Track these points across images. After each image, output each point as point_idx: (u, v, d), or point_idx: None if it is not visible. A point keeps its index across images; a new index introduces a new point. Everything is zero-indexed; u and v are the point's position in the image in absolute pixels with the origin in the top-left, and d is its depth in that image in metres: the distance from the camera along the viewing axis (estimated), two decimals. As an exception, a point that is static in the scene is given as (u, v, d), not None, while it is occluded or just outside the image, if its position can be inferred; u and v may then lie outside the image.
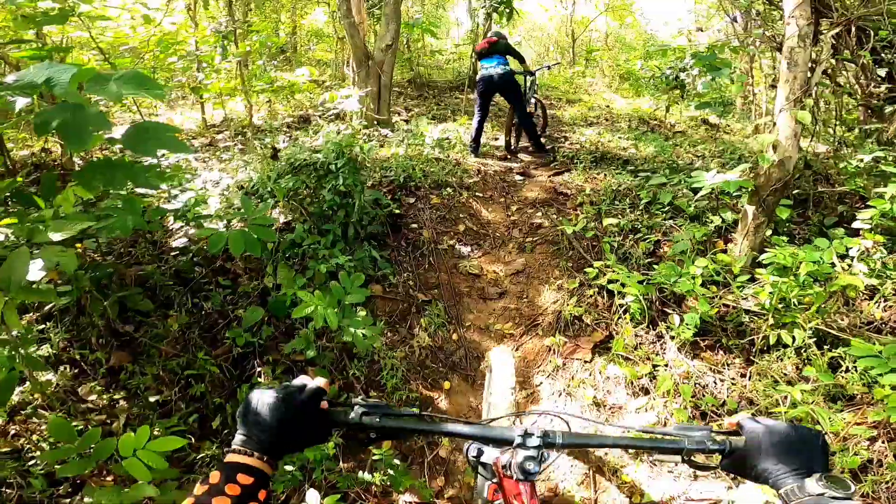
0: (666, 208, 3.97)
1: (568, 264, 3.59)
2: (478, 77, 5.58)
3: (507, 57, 5.59)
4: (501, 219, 4.13)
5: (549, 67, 7.60)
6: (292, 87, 6.58)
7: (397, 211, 3.85)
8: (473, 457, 0.99)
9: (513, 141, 5.84)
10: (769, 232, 3.57)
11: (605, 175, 4.91)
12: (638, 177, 4.70)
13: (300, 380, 0.82)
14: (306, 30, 12.57)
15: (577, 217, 4.05)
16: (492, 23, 8.50)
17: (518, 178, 4.87)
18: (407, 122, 6.87)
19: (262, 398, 0.75)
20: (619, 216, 4.06)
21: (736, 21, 9.61)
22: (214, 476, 0.67)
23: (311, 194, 3.41)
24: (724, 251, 3.75)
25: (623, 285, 3.11)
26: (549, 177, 4.89)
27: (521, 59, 5.81)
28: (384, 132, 6.00)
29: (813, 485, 0.67)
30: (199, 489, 0.66)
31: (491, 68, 5.41)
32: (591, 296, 3.30)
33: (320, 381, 0.83)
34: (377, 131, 5.99)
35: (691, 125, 9.04)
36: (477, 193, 4.43)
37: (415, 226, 3.83)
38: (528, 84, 6.10)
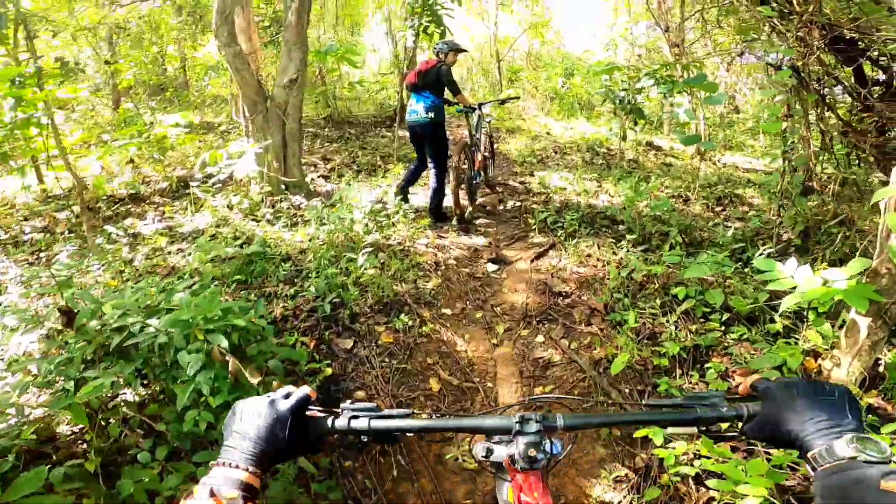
0: (720, 314, 2.73)
1: (615, 433, 2.19)
2: (406, 117, 4.23)
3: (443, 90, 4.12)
4: (487, 353, 2.66)
5: (503, 102, 5.72)
6: (161, 140, 4.73)
7: (329, 370, 2.26)
8: (483, 457, 0.77)
9: (465, 204, 4.39)
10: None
11: (599, 248, 3.63)
12: (647, 252, 3.47)
13: (284, 389, 0.75)
14: (200, 62, 10.44)
15: (600, 341, 2.69)
16: (416, 49, 7.10)
17: (491, 267, 3.44)
18: (327, 178, 5.24)
19: (247, 406, 0.69)
20: (652, 327, 2.77)
21: (668, 31, 9.00)
22: (196, 491, 0.58)
23: (158, 396, 1.74)
24: (819, 372, 2.56)
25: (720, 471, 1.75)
26: (532, 261, 3.50)
27: (456, 90, 4.16)
28: (296, 200, 4.34)
29: (843, 447, 0.55)
30: None
31: (414, 112, 4.02)
32: (668, 486, 1.92)
33: (305, 389, 0.74)
34: (286, 199, 4.32)
35: (640, 151, 8.20)
36: (443, 310, 2.92)
37: (361, 394, 2.26)
38: (475, 122, 4.63)
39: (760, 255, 3.07)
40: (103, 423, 1.81)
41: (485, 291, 3.13)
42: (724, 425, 0.72)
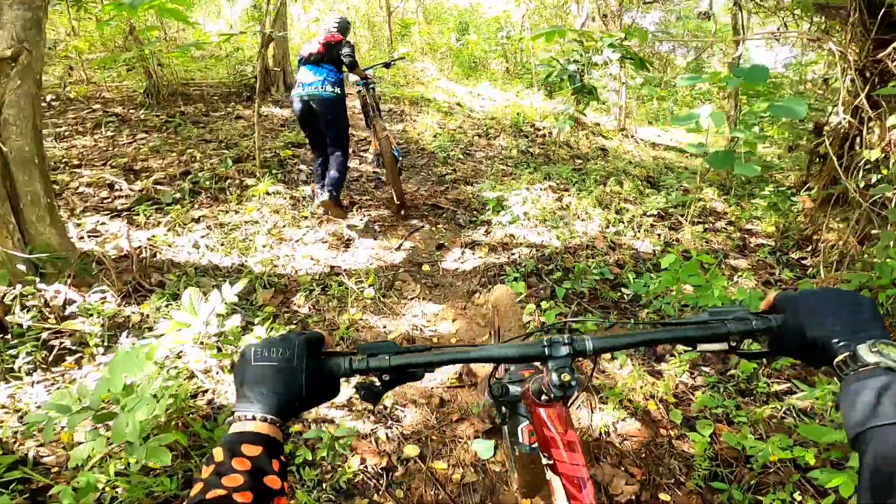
0: None
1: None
2: (293, 93, 3.31)
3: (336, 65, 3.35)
4: None
5: (388, 65, 4.35)
6: None
7: None
8: (499, 396, 0.78)
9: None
10: None
11: (632, 360, 2.15)
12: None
13: (294, 333, 0.64)
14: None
15: None
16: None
17: (482, 448, 1.72)
18: (131, 216, 2.93)
19: (257, 349, 0.60)
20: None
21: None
22: (218, 453, 0.51)
23: None
24: None
25: None
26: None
27: (354, 65, 3.34)
28: (54, 294, 2.12)
29: (867, 352, 0.51)
30: (205, 471, 0.50)
31: (313, 86, 3.20)
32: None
33: (317, 332, 0.66)
34: (35, 294, 2.08)
35: (571, 132, 6.86)
36: None
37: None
38: (371, 99, 3.59)
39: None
40: None
41: None
42: (755, 346, 0.66)
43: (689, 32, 10.45)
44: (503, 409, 0.80)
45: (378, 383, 0.64)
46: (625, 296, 2.84)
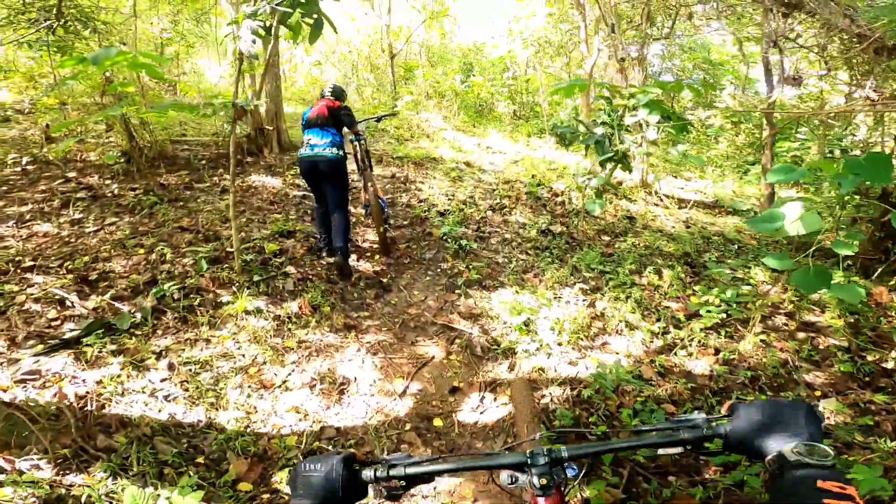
0: None
1: None
2: (299, 155, 3.72)
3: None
4: None
5: (378, 120, 4.97)
6: None
7: None
8: (508, 484, 0.92)
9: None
10: None
11: None
12: None
13: (334, 451, 0.97)
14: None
15: None
16: (274, 45, 4.57)
17: None
18: (77, 352, 2.50)
19: (307, 463, 0.87)
20: None
21: (614, 31, 7.42)
22: None
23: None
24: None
25: None
26: None
27: (353, 123, 3.93)
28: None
29: (789, 453, 0.67)
30: None
31: (318, 148, 3.65)
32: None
33: (352, 451, 0.93)
34: None
35: (588, 197, 6.54)
36: None
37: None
38: (361, 154, 4.13)
39: None
40: None
41: None
42: (709, 445, 0.82)
43: (696, 67, 10.30)
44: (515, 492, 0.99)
45: (398, 487, 0.87)
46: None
